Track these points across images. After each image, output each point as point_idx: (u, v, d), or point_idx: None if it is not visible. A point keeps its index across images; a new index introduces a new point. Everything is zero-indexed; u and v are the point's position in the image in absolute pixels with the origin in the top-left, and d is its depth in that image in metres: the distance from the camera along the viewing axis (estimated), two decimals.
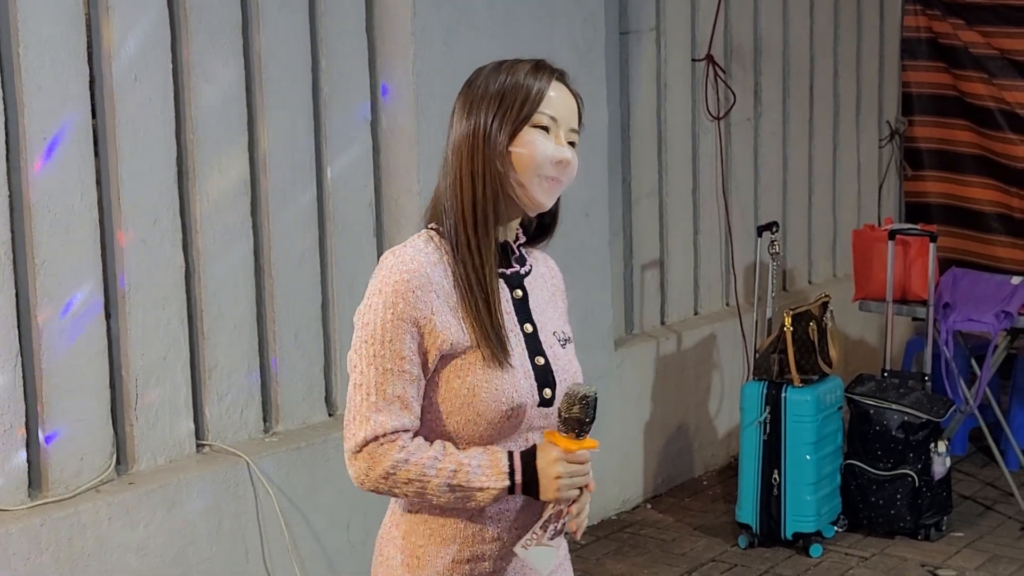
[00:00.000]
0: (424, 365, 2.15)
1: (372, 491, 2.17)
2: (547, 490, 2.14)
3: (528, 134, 2.19)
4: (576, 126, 2.26)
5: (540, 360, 2.23)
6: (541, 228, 2.35)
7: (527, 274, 2.30)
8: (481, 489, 2.13)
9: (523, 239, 2.32)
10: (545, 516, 2.17)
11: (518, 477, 2.13)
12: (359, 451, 2.13)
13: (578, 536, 2.20)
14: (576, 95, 2.27)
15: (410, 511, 2.23)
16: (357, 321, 2.17)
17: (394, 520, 2.26)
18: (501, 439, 2.20)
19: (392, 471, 2.12)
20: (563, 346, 2.29)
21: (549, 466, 2.13)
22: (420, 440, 2.16)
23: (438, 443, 2.17)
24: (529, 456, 2.15)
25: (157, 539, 3.83)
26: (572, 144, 2.25)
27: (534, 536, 2.17)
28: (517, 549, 2.18)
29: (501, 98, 2.19)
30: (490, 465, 2.14)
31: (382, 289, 2.14)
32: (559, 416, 2.15)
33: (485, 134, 2.19)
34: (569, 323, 2.38)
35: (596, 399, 2.13)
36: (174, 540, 3.87)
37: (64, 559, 3.62)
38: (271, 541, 4.12)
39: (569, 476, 2.13)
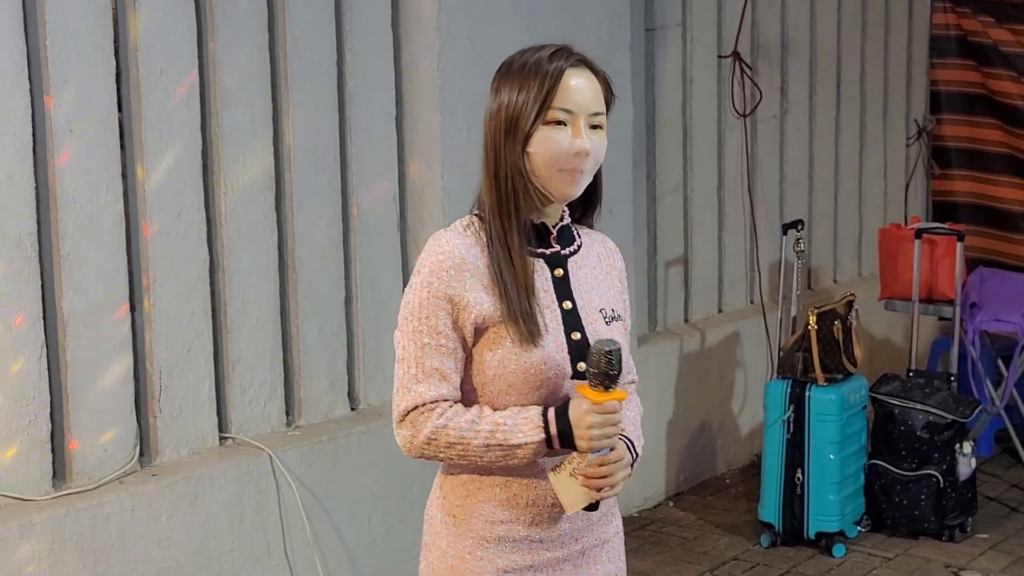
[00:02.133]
0: (463, 339, 2.27)
1: (419, 457, 2.30)
2: (581, 440, 2.21)
3: (541, 132, 2.27)
4: (599, 109, 2.32)
5: (576, 335, 2.31)
6: (587, 204, 2.44)
7: (573, 253, 2.38)
8: (520, 445, 2.23)
9: (567, 220, 2.39)
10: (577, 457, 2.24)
11: (552, 429, 2.23)
12: (403, 419, 2.28)
13: (604, 495, 2.25)
14: (599, 74, 2.34)
15: (451, 473, 2.35)
16: (402, 301, 2.31)
17: (437, 482, 2.39)
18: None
19: (433, 436, 2.25)
20: (607, 323, 2.37)
21: (581, 417, 2.21)
22: (459, 407, 2.28)
23: (476, 407, 2.28)
24: (563, 409, 2.24)
25: (179, 531, 3.84)
26: (598, 127, 2.31)
27: (562, 467, 2.24)
28: (548, 470, 2.26)
29: (515, 101, 2.27)
30: (525, 421, 2.24)
31: (420, 270, 2.29)
32: (587, 372, 2.23)
33: (504, 136, 2.29)
34: (625, 302, 2.45)
35: (620, 353, 2.20)
36: (196, 532, 3.89)
37: (87, 550, 3.64)
38: (293, 534, 4.12)
39: (600, 426, 2.21)
